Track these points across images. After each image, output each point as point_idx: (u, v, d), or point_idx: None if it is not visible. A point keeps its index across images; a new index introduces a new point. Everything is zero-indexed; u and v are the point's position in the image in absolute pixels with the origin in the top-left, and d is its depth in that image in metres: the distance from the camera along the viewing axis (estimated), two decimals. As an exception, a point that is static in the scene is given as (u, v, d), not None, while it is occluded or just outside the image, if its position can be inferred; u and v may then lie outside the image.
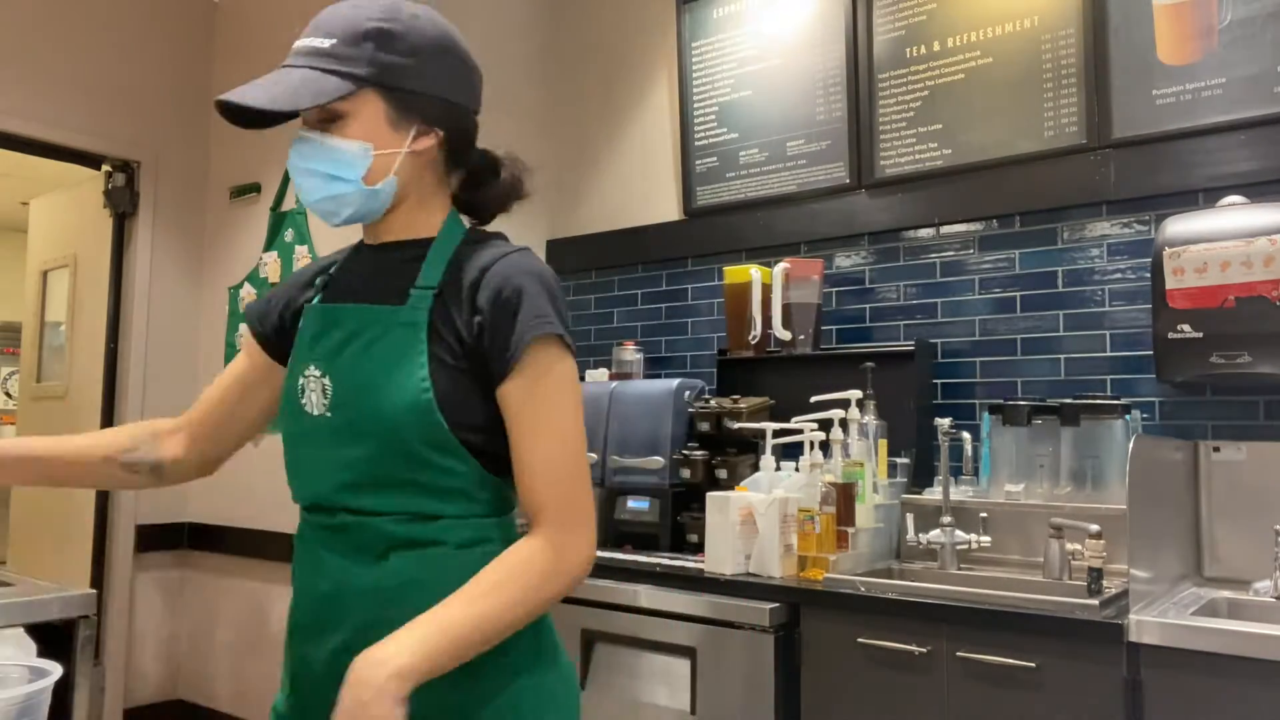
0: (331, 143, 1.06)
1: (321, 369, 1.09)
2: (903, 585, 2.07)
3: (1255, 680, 1.60)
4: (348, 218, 1.11)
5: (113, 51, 3.85)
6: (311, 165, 1.07)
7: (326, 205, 1.09)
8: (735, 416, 2.65)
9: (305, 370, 1.11)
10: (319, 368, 1.10)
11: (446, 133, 1.12)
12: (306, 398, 1.10)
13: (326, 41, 1.05)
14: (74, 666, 1.98)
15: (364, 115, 1.06)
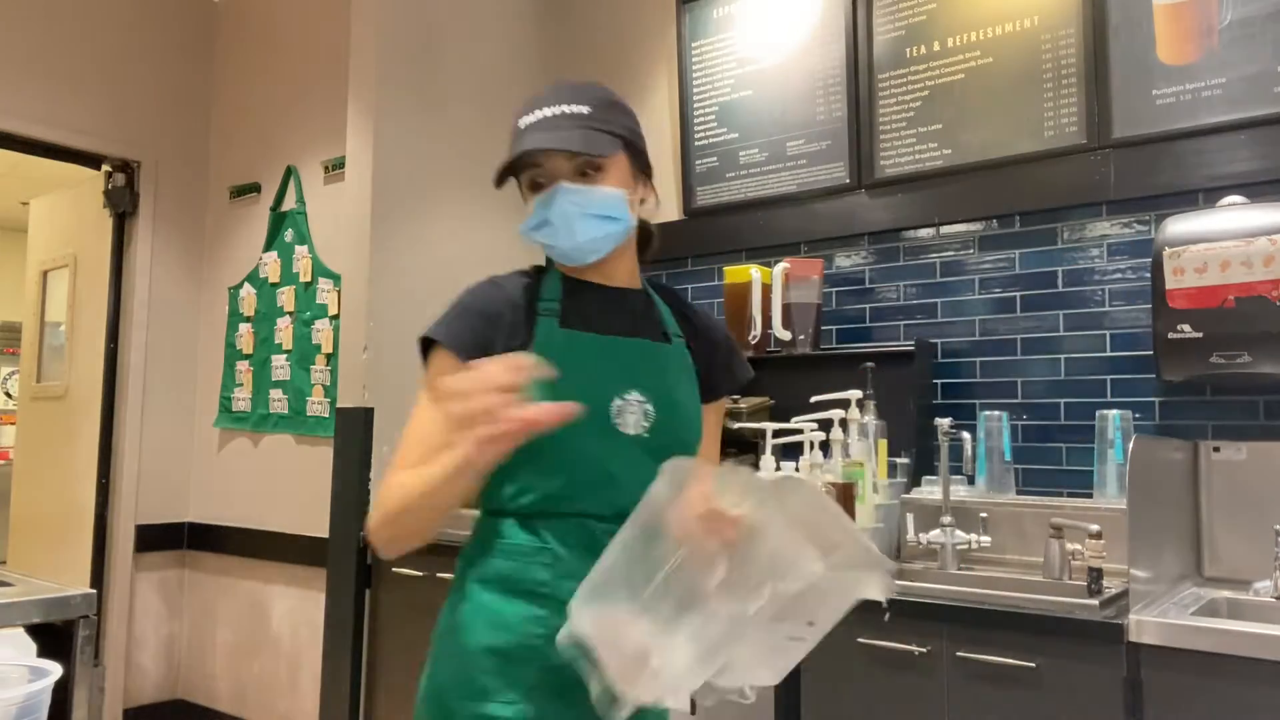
0: (603, 189, 1.25)
1: (644, 395, 1.26)
2: (902, 585, 2.07)
3: (1255, 680, 1.60)
4: (601, 255, 1.28)
5: (113, 52, 3.85)
6: (589, 210, 1.24)
7: (594, 245, 1.26)
8: (735, 416, 2.65)
9: (624, 394, 1.25)
10: (643, 395, 1.26)
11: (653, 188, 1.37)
12: (622, 418, 1.24)
13: (584, 108, 1.25)
14: (74, 666, 1.98)
15: (616, 169, 1.27)
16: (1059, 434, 2.47)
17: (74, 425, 3.94)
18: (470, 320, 1.26)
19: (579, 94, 1.27)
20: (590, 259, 1.28)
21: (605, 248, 1.28)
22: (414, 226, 3.08)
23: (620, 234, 1.28)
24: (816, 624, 1.01)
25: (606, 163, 1.25)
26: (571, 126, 1.23)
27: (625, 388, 1.25)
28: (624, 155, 1.28)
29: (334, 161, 3.54)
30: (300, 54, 3.81)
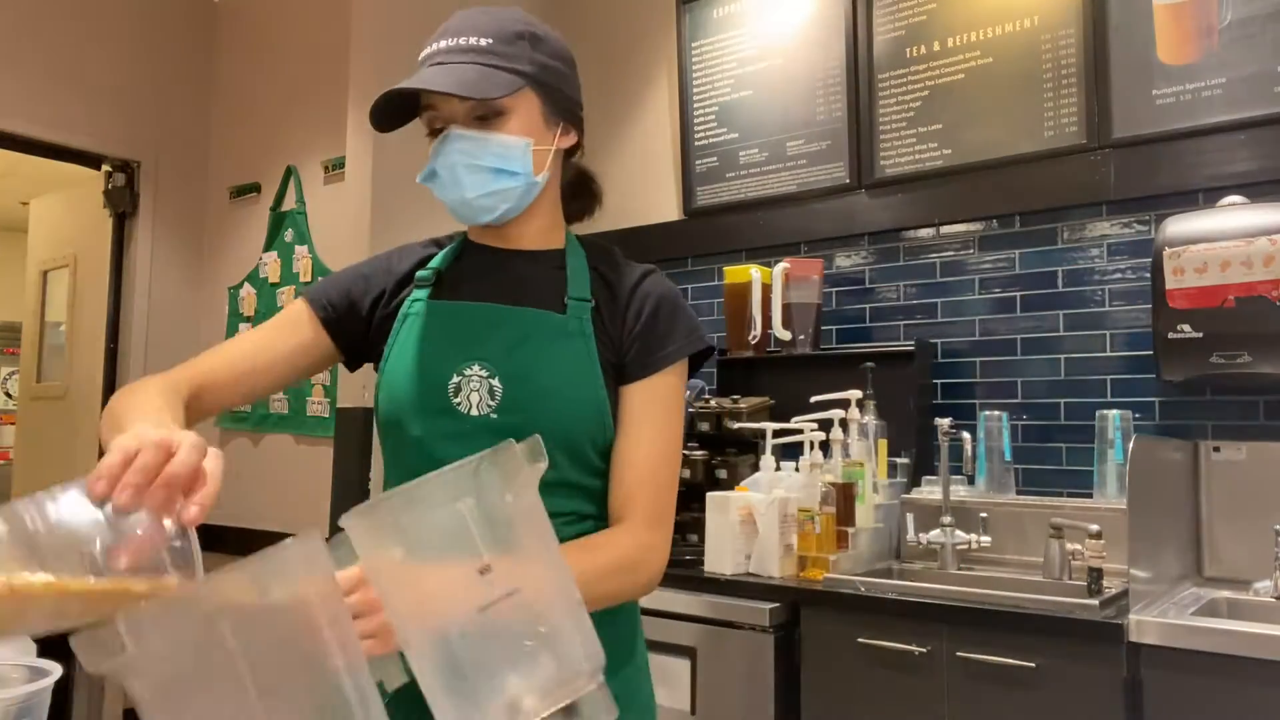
0: (498, 138, 1.07)
1: (489, 369, 1.09)
2: (903, 585, 2.07)
3: (1255, 680, 1.60)
4: (501, 214, 1.12)
5: (113, 52, 3.84)
6: (476, 160, 1.07)
7: (487, 200, 1.10)
8: (735, 416, 2.65)
9: (464, 368, 1.09)
10: (486, 368, 1.09)
11: (578, 135, 1.18)
12: (463, 397, 1.08)
13: (483, 40, 1.07)
14: (74, 666, 1.97)
15: (523, 112, 1.09)
16: (1059, 434, 2.47)
17: (74, 425, 3.94)
18: (344, 279, 1.20)
19: (483, 23, 1.08)
20: (484, 218, 1.12)
21: (499, 205, 1.10)
22: (414, 226, 3.08)
23: (519, 190, 1.10)
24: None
25: (508, 104, 1.07)
26: (466, 62, 1.06)
27: (466, 361, 1.09)
28: (533, 96, 1.09)
29: (334, 161, 3.54)
30: (300, 54, 3.81)
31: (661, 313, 1.13)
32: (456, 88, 1.04)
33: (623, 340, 1.12)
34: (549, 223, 1.19)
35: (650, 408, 1.11)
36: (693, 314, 1.17)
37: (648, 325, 1.12)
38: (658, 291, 1.15)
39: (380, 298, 1.18)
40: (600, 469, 1.11)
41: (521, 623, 0.69)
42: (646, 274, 1.17)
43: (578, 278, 1.15)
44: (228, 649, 0.59)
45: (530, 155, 1.09)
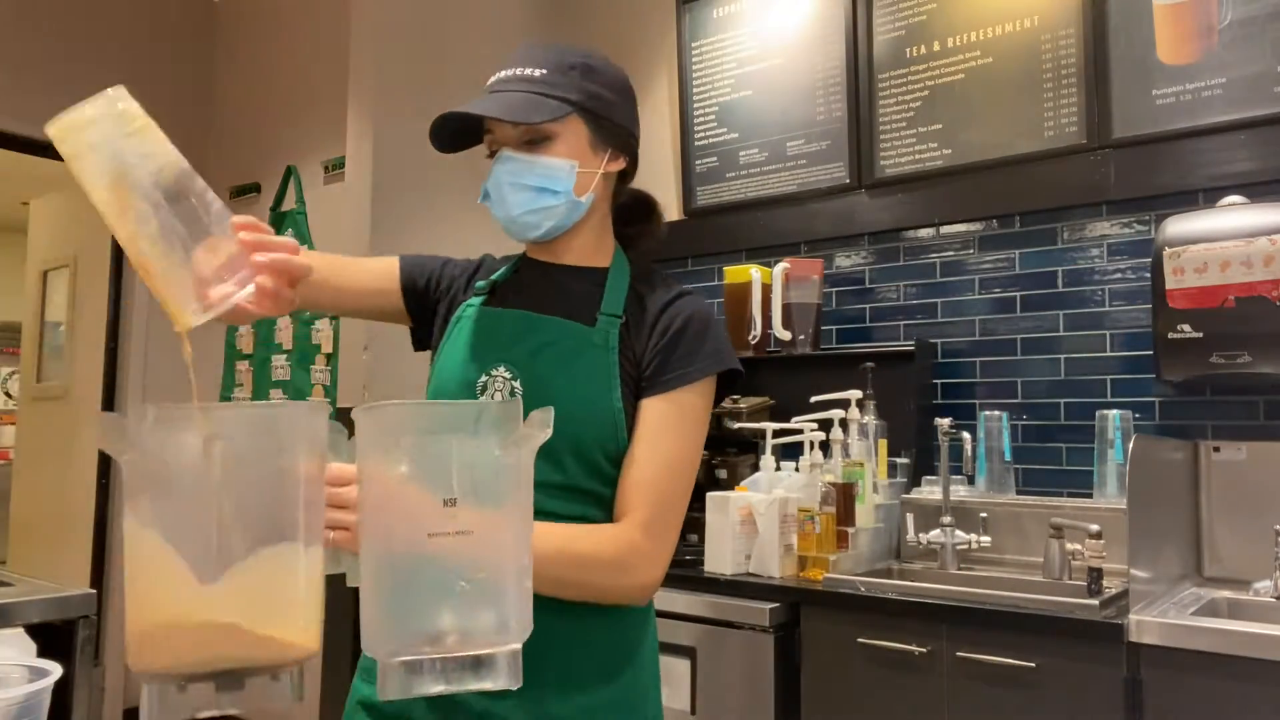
0: (544, 159, 1.15)
1: (513, 371, 1.14)
2: (903, 585, 2.07)
3: (1255, 680, 1.60)
4: (547, 230, 1.18)
5: (113, 52, 3.84)
6: (522, 180, 1.15)
7: (531, 218, 1.16)
8: (735, 416, 2.65)
9: (492, 369, 1.15)
10: (510, 370, 1.14)
11: (628, 161, 1.25)
12: (486, 395, 1.14)
13: (537, 71, 1.15)
14: (74, 666, 1.98)
15: (570, 137, 1.16)
16: (1059, 434, 2.47)
17: (74, 425, 3.94)
18: (433, 266, 1.30)
19: (540, 55, 1.17)
20: (531, 235, 1.19)
21: (545, 223, 1.17)
22: (414, 226, 3.08)
23: (562, 209, 1.16)
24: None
25: (554, 130, 1.14)
26: (519, 90, 1.14)
27: (495, 362, 1.15)
28: (580, 123, 1.16)
29: (334, 161, 3.54)
30: (300, 54, 3.81)
31: (688, 332, 1.16)
32: (502, 113, 1.12)
33: (644, 355, 1.15)
34: (595, 241, 1.24)
35: (665, 422, 1.13)
36: (723, 336, 1.19)
37: (671, 342, 1.15)
38: (688, 311, 1.18)
39: (450, 297, 1.28)
40: (612, 477, 1.13)
41: (463, 563, 0.74)
42: (681, 294, 1.21)
43: (614, 294, 1.20)
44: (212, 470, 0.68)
45: (574, 177, 1.16)
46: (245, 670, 0.69)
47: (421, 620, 0.74)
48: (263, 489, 0.72)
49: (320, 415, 0.74)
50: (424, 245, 3.09)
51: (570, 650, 1.09)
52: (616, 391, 1.13)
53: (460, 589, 0.74)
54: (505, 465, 0.76)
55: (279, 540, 0.70)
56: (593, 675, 1.11)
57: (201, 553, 0.68)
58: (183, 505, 0.69)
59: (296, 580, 0.71)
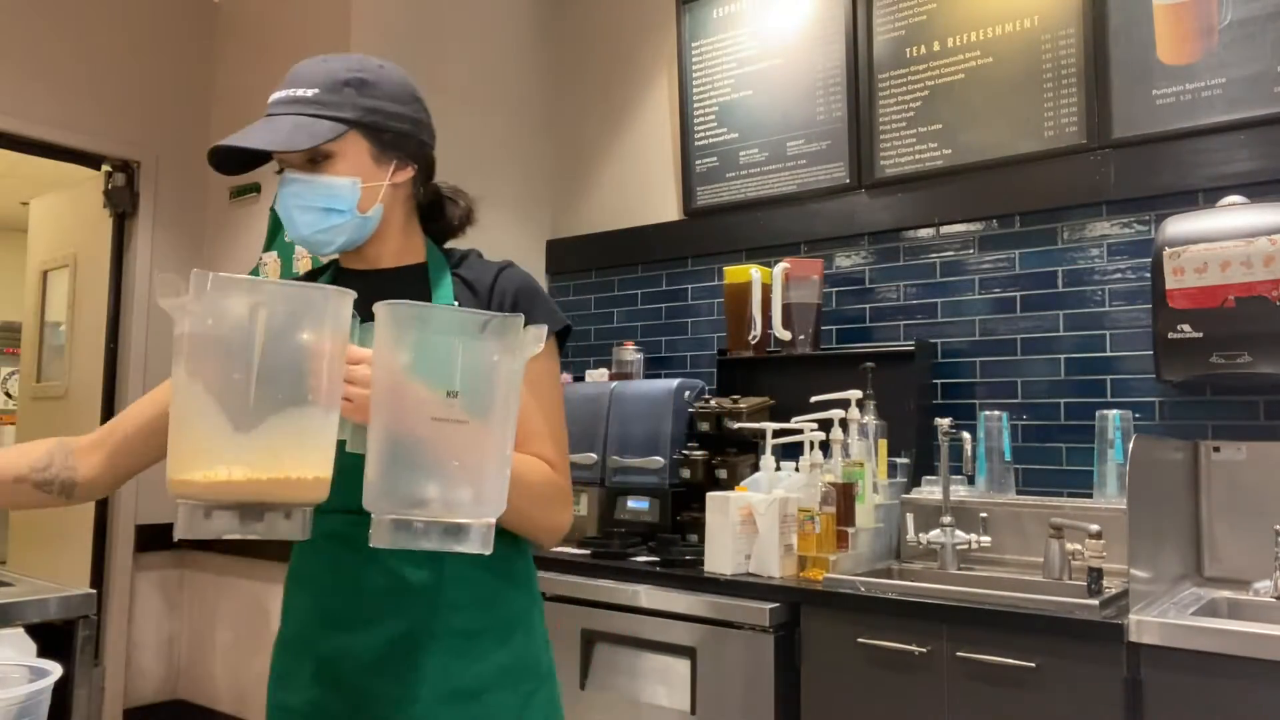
0: (324, 180, 1.17)
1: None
2: (903, 585, 2.07)
3: (1255, 680, 1.60)
4: (340, 245, 1.22)
5: (113, 51, 3.85)
6: (307, 202, 1.18)
7: (322, 236, 1.20)
8: (735, 416, 2.65)
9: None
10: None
11: (419, 167, 1.26)
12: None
13: (309, 91, 1.19)
14: (74, 666, 1.98)
15: (350, 154, 1.18)
16: (1059, 434, 2.47)
17: (74, 425, 3.94)
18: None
19: (311, 74, 1.21)
20: (325, 251, 1.23)
21: (336, 239, 1.20)
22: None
23: (350, 225, 1.19)
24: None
25: (333, 149, 1.17)
26: (289, 113, 1.18)
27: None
28: (360, 138, 1.18)
29: (334, 161, 3.54)
30: (300, 54, 3.80)
31: (521, 301, 1.23)
32: (267, 143, 1.15)
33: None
34: (404, 242, 1.28)
35: (540, 383, 1.20)
36: (549, 298, 1.28)
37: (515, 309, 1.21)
38: (515, 283, 1.25)
39: None
40: None
41: (458, 446, 0.89)
42: (502, 269, 1.27)
43: (440, 285, 1.25)
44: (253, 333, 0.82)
45: (358, 193, 1.19)
46: (264, 505, 0.84)
47: (414, 487, 0.88)
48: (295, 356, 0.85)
49: (346, 301, 0.88)
50: (424, 245, 3.09)
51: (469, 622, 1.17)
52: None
53: (452, 467, 0.88)
54: (501, 371, 0.90)
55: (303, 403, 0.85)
56: (492, 644, 1.18)
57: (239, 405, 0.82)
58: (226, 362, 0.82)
59: (315, 439, 0.86)
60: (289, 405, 0.83)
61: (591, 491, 2.84)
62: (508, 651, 1.19)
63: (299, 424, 0.84)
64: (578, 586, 2.40)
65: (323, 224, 1.19)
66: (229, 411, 0.81)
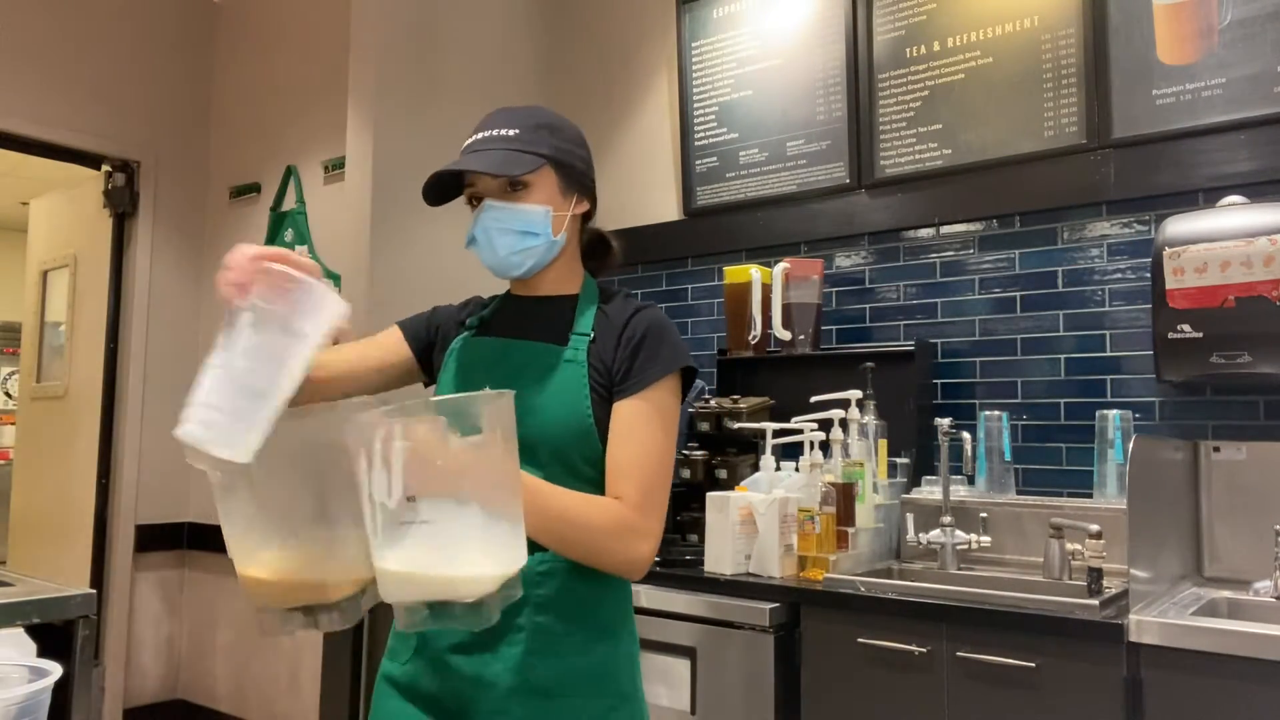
0: (523, 207, 1.32)
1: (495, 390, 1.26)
2: (903, 585, 2.07)
3: (1255, 680, 1.60)
4: (530, 268, 1.35)
5: (113, 52, 3.85)
6: (506, 225, 1.32)
7: (516, 258, 1.33)
8: (735, 416, 2.65)
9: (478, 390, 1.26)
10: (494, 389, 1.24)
11: (591, 204, 1.41)
12: None
13: (511, 131, 1.33)
14: (74, 666, 1.98)
15: (543, 185, 1.33)
16: (1059, 434, 2.47)
17: (74, 425, 3.94)
18: (425, 318, 1.48)
19: (511, 118, 1.35)
20: (515, 273, 1.35)
21: (527, 262, 1.34)
22: (414, 226, 3.08)
23: (542, 248, 1.34)
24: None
25: (531, 180, 1.31)
26: (497, 149, 1.31)
27: (481, 384, 1.26)
28: (551, 173, 1.33)
29: (334, 161, 3.54)
30: (300, 53, 3.81)
31: (648, 340, 1.32)
32: (488, 167, 1.29)
33: (614, 364, 1.31)
34: (568, 273, 1.41)
35: (638, 417, 1.28)
36: (678, 341, 1.35)
37: (633, 351, 1.31)
38: (646, 322, 1.34)
39: (443, 336, 1.45)
40: (588, 474, 1.28)
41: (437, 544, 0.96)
42: (640, 309, 1.37)
43: (584, 316, 1.36)
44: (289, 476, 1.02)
45: (550, 220, 1.33)
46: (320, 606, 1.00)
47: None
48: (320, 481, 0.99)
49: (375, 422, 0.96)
50: (423, 244, 3.10)
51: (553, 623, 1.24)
52: (588, 400, 1.29)
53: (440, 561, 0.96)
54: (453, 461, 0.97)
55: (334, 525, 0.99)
56: (572, 648, 1.25)
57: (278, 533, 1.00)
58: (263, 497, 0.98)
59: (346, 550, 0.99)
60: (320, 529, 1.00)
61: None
62: (588, 659, 1.26)
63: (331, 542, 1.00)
64: (578, 586, 2.40)
65: (518, 246, 1.32)
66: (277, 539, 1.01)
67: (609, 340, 1.33)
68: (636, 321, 1.34)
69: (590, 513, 1.21)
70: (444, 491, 0.93)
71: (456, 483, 0.93)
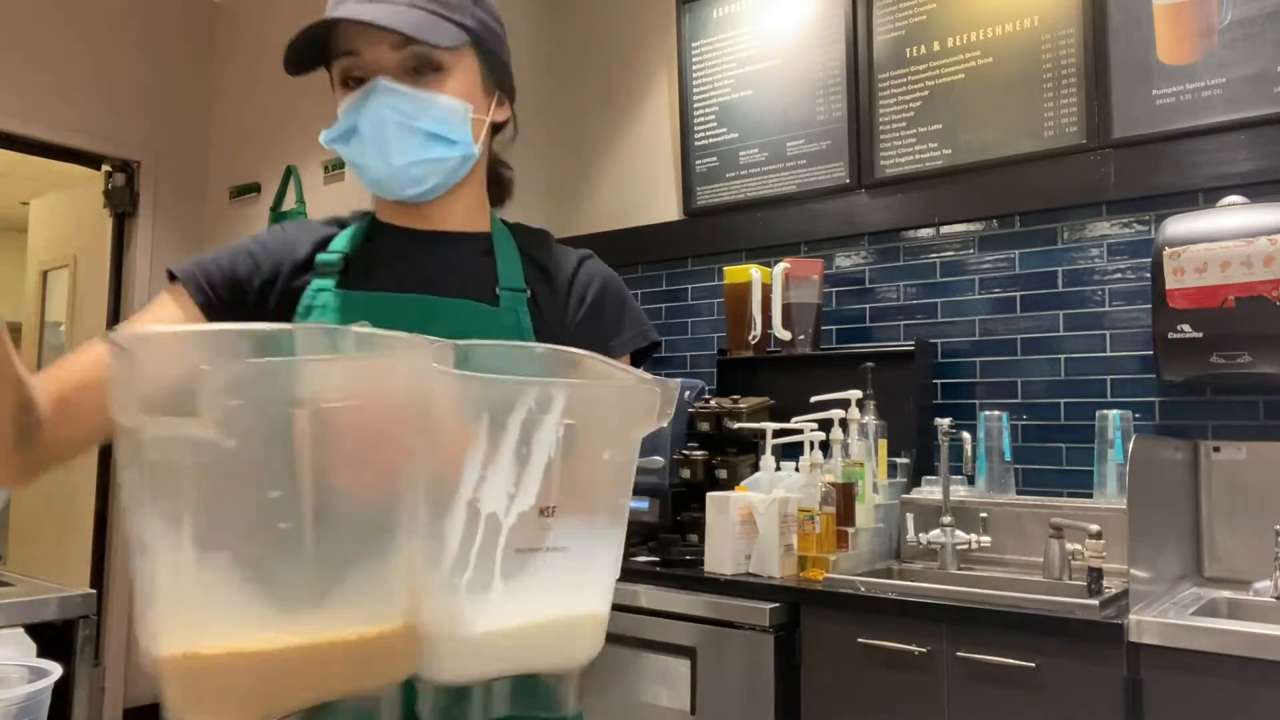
0: (439, 98, 0.94)
1: None
2: (903, 585, 2.07)
3: (1255, 680, 1.60)
4: (432, 187, 0.98)
5: (113, 52, 3.85)
6: (412, 121, 0.93)
7: (417, 170, 0.95)
8: (735, 416, 2.65)
9: None
10: None
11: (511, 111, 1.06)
12: None
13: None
14: (74, 666, 1.98)
15: (464, 72, 0.96)
16: (1059, 434, 2.47)
17: (74, 425, 3.94)
18: (224, 259, 0.98)
19: None
20: (410, 191, 0.96)
21: (430, 178, 0.96)
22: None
23: (454, 163, 0.97)
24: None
25: (449, 61, 0.94)
26: (405, 4, 0.92)
27: None
28: (474, 57, 0.98)
29: (334, 161, 3.54)
30: (300, 54, 3.80)
31: (608, 300, 1.03)
32: (396, 23, 0.90)
33: (564, 331, 0.99)
34: (476, 203, 1.05)
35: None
36: (637, 304, 1.08)
37: (591, 313, 1.01)
38: (601, 277, 1.04)
39: (272, 283, 0.98)
40: None
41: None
42: (585, 259, 1.06)
43: (509, 265, 1.01)
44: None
45: (468, 123, 0.97)
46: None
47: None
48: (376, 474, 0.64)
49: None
50: (424, 245, 3.09)
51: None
52: None
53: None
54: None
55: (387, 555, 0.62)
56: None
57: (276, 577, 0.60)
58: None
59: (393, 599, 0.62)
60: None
61: (591, 491, 2.83)
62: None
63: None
64: (578, 586, 2.40)
65: (422, 154, 0.94)
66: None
67: (553, 298, 1.01)
68: (587, 275, 1.04)
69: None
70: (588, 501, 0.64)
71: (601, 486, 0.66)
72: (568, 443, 0.59)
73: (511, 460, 0.58)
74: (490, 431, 0.57)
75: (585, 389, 0.64)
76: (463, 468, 0.57)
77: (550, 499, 0.59)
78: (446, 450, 0.59)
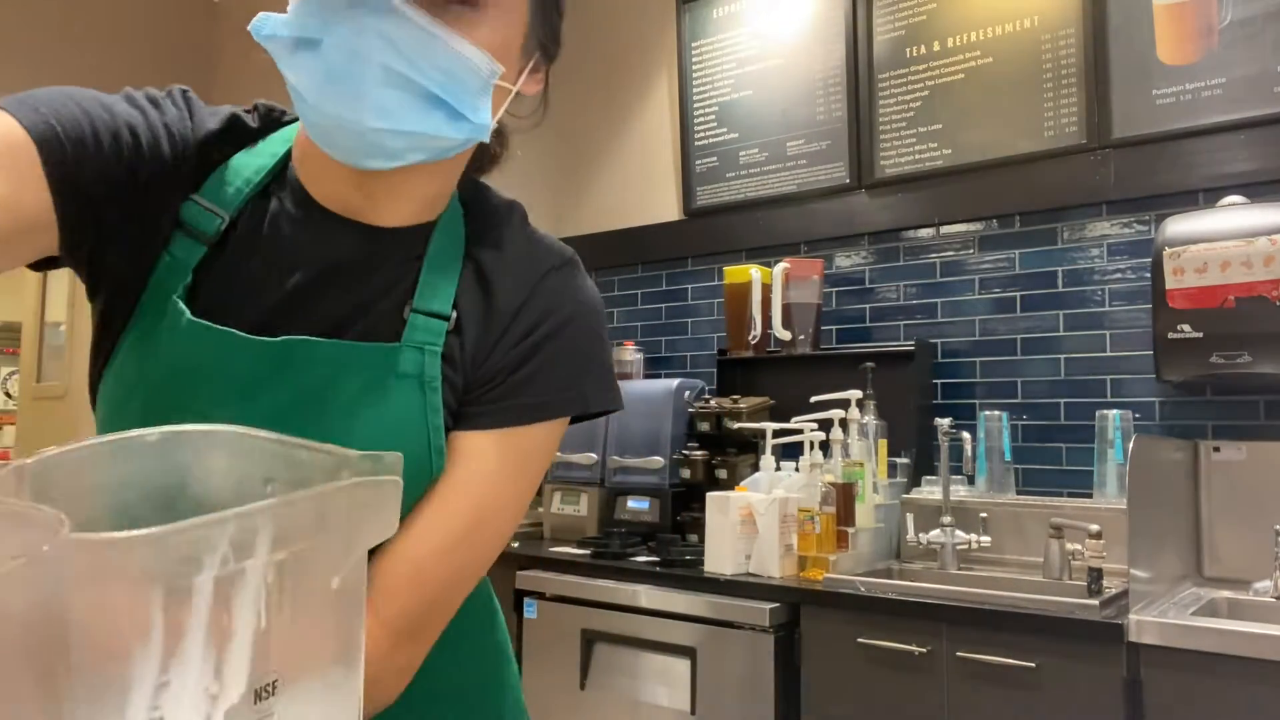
0: (462, 47, 0.64)
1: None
2: (903, 585, 2.07)
3: (1255, 680, 1.60)
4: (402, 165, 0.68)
5: (113, 51, 3.85)
6: (412, 69, 0.63)
7: (395, 142, 0.65)
8: (735, 416, 2.65)
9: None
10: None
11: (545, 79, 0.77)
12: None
13: None
14: (74, 666, 1.97)
15: (507, 15, 0.67)
16: (1059, 434, 2.47)
17: (74, 425, 3.94)
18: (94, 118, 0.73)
19: None
20: (370, 163, 0.66)
21: (411, 155, 0.66)
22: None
23: (453, 145, 0.67)
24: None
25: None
26: None
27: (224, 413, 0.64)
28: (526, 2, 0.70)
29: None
30: (300, 54, 3.81)
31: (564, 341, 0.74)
32: None
33: (487, 360, 0.72)
34: (446, 188, 0.76)
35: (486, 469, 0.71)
36: (609, 355, 0.79)
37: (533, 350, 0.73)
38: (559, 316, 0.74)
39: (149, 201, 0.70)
40: None
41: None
42: (552, 271, 0.76)
43: (438, 273, 0.72)
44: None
45: (489, 90, 0.67)
46: None
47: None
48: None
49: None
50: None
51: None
52: (440, 441, 0.70)
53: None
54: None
55: None
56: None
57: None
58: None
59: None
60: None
61: (591, 491, 2.84)
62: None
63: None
64: (578, 586, 2.40)
65: (411, 122, 0.64)
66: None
67: (486, 321, 0.72)
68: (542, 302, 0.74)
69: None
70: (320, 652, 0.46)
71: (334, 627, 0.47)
72: (282, 587, 0.41)
73: (204, 643, 0.39)
74: (167, 610, 0.37)
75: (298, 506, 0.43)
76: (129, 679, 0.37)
77: (268, 673, 0.41)
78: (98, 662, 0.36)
